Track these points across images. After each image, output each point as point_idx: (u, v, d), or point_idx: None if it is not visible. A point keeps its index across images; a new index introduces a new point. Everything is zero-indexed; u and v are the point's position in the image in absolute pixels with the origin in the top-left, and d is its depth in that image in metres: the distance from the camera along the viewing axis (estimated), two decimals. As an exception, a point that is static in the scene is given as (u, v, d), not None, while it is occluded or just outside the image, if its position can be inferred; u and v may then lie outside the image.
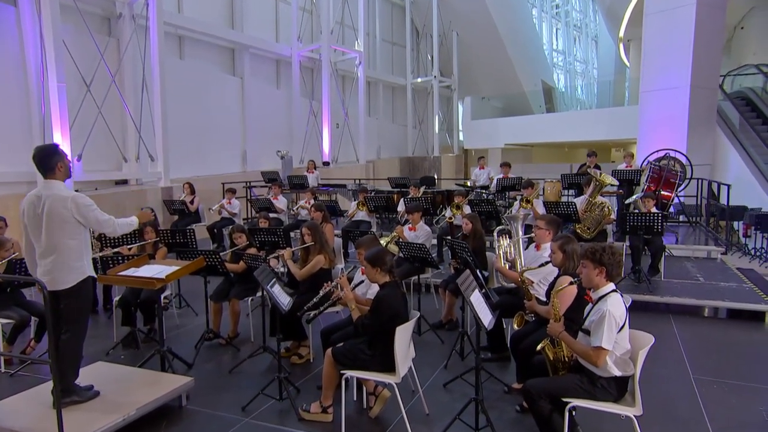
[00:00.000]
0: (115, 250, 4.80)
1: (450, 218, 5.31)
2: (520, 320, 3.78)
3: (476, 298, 3.15)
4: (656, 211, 6.34)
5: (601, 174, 6.41)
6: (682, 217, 10.19)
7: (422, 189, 8.86)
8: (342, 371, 3.25)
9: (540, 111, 23.49)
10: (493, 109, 23.14)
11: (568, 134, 19.22)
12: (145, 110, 10.58)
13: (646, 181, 8.26)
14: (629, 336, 2.97)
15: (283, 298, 3.55)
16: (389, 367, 3.19)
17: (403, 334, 3.19)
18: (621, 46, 25.98)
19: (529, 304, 3.70)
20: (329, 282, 3.85)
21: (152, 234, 5.06)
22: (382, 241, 6.03)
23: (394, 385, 3.19)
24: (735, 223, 12.06)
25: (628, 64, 25.96)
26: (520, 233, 4.44)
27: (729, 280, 6.37)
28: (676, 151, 9.50)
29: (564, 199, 8.47)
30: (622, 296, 2.85)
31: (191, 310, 5.79)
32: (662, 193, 8.16)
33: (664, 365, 4.29)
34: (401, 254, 5.35)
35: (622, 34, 23.81)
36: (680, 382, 3.98)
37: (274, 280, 3.63)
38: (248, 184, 11.96)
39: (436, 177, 20.70)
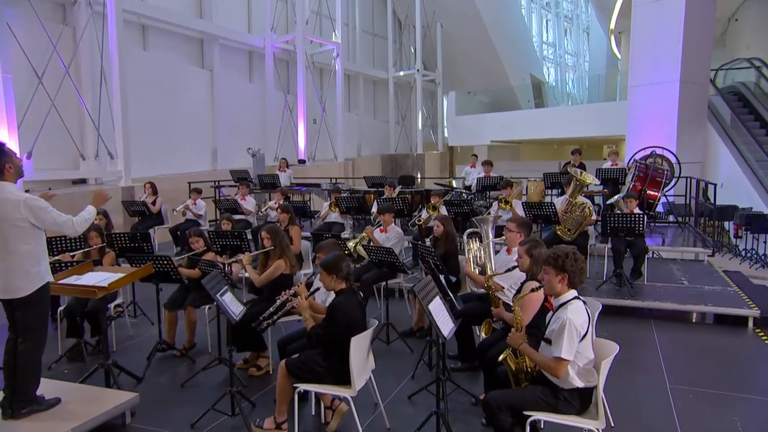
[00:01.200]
0: (56, 257, 4.70)
1: (419, 220, 5.31)
2: (488, 328, 3.78)
3: (436, 307, 3.14)
4: (639, 211, 6.42)
5: (582, 173, 6.46)
6: (671, 218, 10.34)
7: (398, 189, 8.86)
8: (295, 384, 3.22)
9: (529, 106, 23.69)
10: (480, 105, 23.28)
11: (557, 131, 19.43)
12: (105, 104, 10.42)
13: (631, 180, 8.35)
14: (594, 345, 3.00)
15: (235, 307, 3.52)
16: (345, 379, 3.17)
17: (359, 345, 3.18)
18: (612, 38, 26.35)
19: (496, 311, 3.71)
20: (287, 290, 3.81)
21: (97, 239, 4.97)
22: (351, 243, 6.05)
23: (350, 399, 3.18)
24: (726, 224, 12.32)
25: (619, 56, 26.34)
26: (491, 236, 4.45)
27: (714, 283, 6.48)
28: (663, 148, 9.63)
29: (548, 198, 8.53)
30: (584, 303, 2.87)
31: (147, 319, 5.71)
32: (648, 192, 8.26)
33: (639, 374, 4.33)
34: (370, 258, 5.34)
35: (613, 25, 24.15)
36: (655, 391, 4.03)
37: (226, 287, 3.59)
38: (216, 183, 11.85)
39: (419, 176, 20.81)
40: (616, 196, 6.99)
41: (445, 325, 3.15)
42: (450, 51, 23.03)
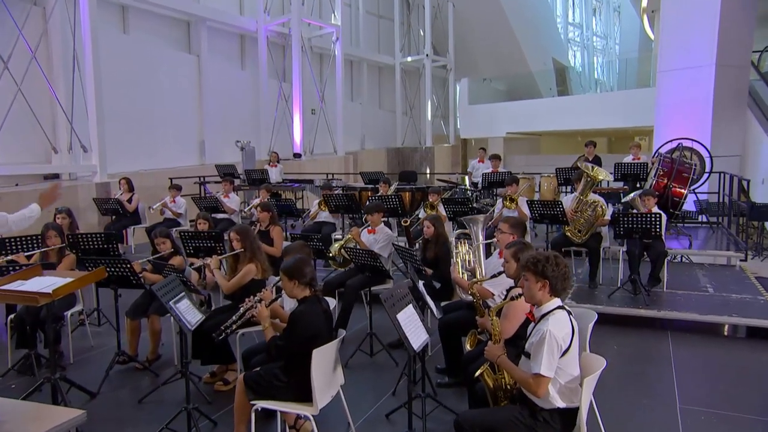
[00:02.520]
0: (10, 257, 4.73)
1: (405, 221, 5.28)
2: (473, 340, 3.74)
3: (407, 316, 3.11)
4: (658, 211, 6.32)
5: (594, 168, 6.38)
6: (702, 218, 10.19)
7: (394, 186, 8.83)
8: (252, 401, 3.20)
9: (550, 94, 23.51)
10: (495, 93, 23.15)
11: (583, 121, 19.23)
12: (79, 92, 10.50)
13: (654, 176, 8.23)
14: (582, 360, 2.94)
15: (191, 316, 3.51)
16: (307, 396, 3.15)
17: (322, 358, 3.15)
18: (645, 17, 26.05)
19: (480, 321, 3.66)
20: (252, 296, 3.79)
21: (56, 239, 5.00)
22: (336, 246, 6.04)
23: (311, 418, 3.15)
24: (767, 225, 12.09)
25: (653, 38, 26.02)
26: (481, 238, 4.41)
27: (743, 291, 6.36)
28: (692, 140, 9.47)
29: (563, 196, 8.45)
30: (570, 314, 2.81)
31: (112, 328, 5.72)
32: (673, 189, 8.13)
33: (647, 392, 4.26)
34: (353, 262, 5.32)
35: (645, 3, 23.87)
36: (662, 411, 3.96)
37: (183, 294, 3.58)
38: (202, 179, 11.91)
39: (427, 171, 20.77)
40: (631, 194, 6.89)
41: (417, 337, 3.11)
42: (463, 34, 22.91)
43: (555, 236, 6.74)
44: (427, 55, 21.83)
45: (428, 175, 19.99)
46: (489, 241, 4.48)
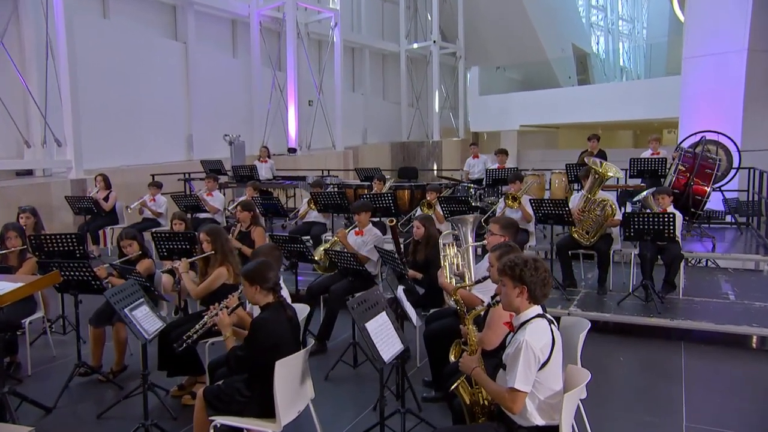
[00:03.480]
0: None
1: (391, 221, 5.27)
2: (458, 351, 3.71)
3: (378, 325, 3.10)
4: (674, 210, 6.26)
5: (602, 164, 6.33)
6: (729, 218, 10.07)
7: (389, 183, 8.82)
8: (211, 417, 3.20)
9: (570, 83, 23.43)
10: (509, 82, 23.09)
11: (606, 112, 19.15)
12: (53, 82, 10.55)
13: (674, 173, 8.15)
14: (567, 374, 2.91)
15: (150, 324, 3.51)
16: (271, 411, 3.14)
17: (286, 370, 3.14)
18: (674, -1, 25.88)
19: (464, 330, 3.62)
20: (218, 303, 3.79)
21: (16, 241, 5.03)
22: (321, 248, 6.03)
23: (275, 436, 3.14)
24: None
25: (683, 20, 25.82)
26: (470, 240, 4.38)
27: (768, 298, 6.30)
28: (718, 133, 9.37)
29: (574, 194, 8.39)
30: (551, 323, 2.78)
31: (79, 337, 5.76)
32: (695, 186, 8.04)
33: (652, 408, 4.22)
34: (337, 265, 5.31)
35: (673, -16, 23.69)
36: (666, 429, 3.91)
37: (141, 300, 3.59)
38: (187, 176, 11.96)
39: (434, 167, 20.73)
40: (644, 192, 6.83)
41: (388, 347, 3.09)
42: (473, 18, 22.85)
43: (561, 238, 6.69)
44: (434, 41, 21.78)
45: (435, 172, 19.94)
46: (478, 243, 4.45)
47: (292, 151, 16.47)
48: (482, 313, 3.60)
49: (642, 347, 5.51)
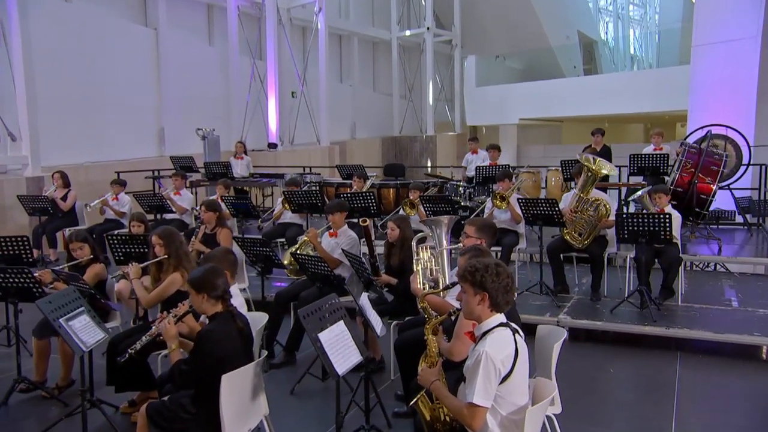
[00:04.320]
0: None
1: (364, 220, 5.27)
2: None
3: (333, 336, 3.09)
4: (673, 211, 6.28)
5: (596, 160, 6.34)
6: (741, 218, 10.09)
7: (370, 181, 8.83)
8: (153, 436, 3.19)
9: (575, 73, 23.44)
10: (510, 72, 23.09)
11: (610, 105, 19.10)
12: (6, 71, 10.48)
13: (678, 170, 8.17)
14: (536, 387, 2.92)
15: (88, 336, 3.50)
16: (218, 430, 3.13)
17: (235, 384, 3.13)
18: (688, -17, 25.94)
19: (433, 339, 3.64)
20: (167, 312, 3.78)
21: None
22: (290, 251, 6.02)
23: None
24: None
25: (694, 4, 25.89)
26: (444, 243, 4.38)
27: (774, 305, 6.33)
28: (726, 126, 9.39)
29: (566, 193, 8.42)
30: (516, 332, 2.78)
31: (26, 350, 5.72)
32: (699, 184, 8.06)
33: (639, 425, 4.24)
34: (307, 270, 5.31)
35: (686, -34, 23.76)
36: (652, 447, 3.93)
37: (81, 309, 3.58)
38: (156, 173, 11.94)
39: (428, 163, 20.73)
40: (640, 191, 6.85)
41: (344, 359, 3.09)
42: (471, 3, 22.85)
43: (552, 240, 6.71)
44: (428, 28, 21.74)
45: (429, 168, 19.93)
46: (453, 246, 4.45)
47: (272, 146, 16.45)
48: (450, 321, 3.62)
49: (636, 358, 5.53)
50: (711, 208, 9.03)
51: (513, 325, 2.84)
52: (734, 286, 7.08)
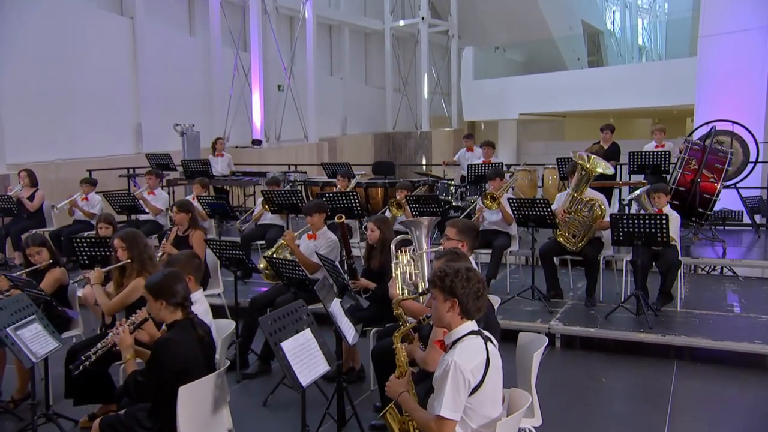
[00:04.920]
0: None
1: (340, 217, 5.27)
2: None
3: (298, 344, 3.09)
4: (672, 211, 6.29)
5: (591, 158, 6.35)
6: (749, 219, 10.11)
7: (355, 180, 8.83)
8: (108, 452, 3.18)
9: (578, 65, 23.47)
10: (510, 65, 23.12)
11: (613, 99, 19.16)
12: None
13: (680, 168, 8.19)
14: (511, 398, 2.92)
15: (39, 346, 3.49)
16: (176, 444, 3.13)
17: (194, 396, 3.13)
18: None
19: (408, 348, 3.63)
20: (126, 319, 3.77)
21: None
22: (267, 253, 6.01)
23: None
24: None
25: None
26: (425, 245, 4.38)
27: (779, 310, 6.34)
28: (732, 122, 9.41)
29: (560, 193, 8.43)
30: (488, 341, 2.78)
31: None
32: (703, 183, 8.07)
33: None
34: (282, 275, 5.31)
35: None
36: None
37: (33, 317, 3.57)
38: (131, 171, 11.90)
39: (423, 161, 20.73)
40: (637, 191, 6.86)
41: (309, 369, 3.09)
42: (468, -8, 22.93)
43: (545, 242, 6.72)
44: (423, 18, 21.79)
45: (424, 167, 19.94)
46: (435, 249, 4.45)
47: (256, 143, 16.44)
48: (428, 328, 3.62)
49: (631, 367, 5.54)
50: (716, 208, 9.09)
51: (485, 333, 2.84)
52: (738, 291, 7.09)
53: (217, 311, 6.48)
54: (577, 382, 5.26)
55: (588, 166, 6.28)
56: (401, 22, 22.51)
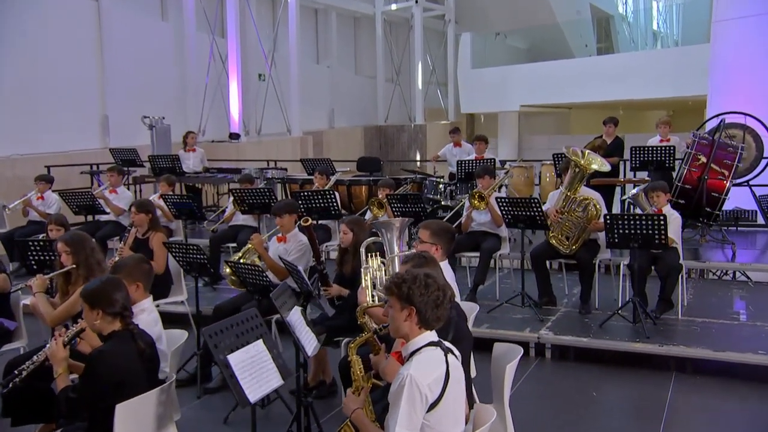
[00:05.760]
0: None
1: (306, 220, 5.27)
2: (368, 386, 3.73)
3: (245, 358, 3.09)
4: (671, 211, 6.31)
5: (585, 154, 6.37)
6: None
7: (335, 177, 8.84)
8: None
9: (586, 53, 23.50)
10: (512, 52, 23.15)
11: (622, 89, 19.19)
12: None
13: (686, 164, 8.21)
14: (471, 413, 2.93)
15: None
16: (114, 466, 3.12)
17: (133, 414, 3.13)
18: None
19: (374, 359, 3.64)
20: (65, 329, 3.77)
21: None
22: (234, 258, 6.01)
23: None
24: None
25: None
26: (396, 248, 4.38)
27: (788, 318, 6.36)
28: (744, 114, 9.43)
29: (553, 192, 8.45)
30: (448, 352, 2.79)
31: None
32: (710, 179, 8.09)
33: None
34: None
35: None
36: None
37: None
38: (95, 167, 11.88)
39: (417, 157, 20.74)
40: (635, 189, 6.89)
41: (260, 384, 3.09)
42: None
43: (536, 245, 6.74)
44: (417, 1, 21.79)
45: (418, 162, 19.96)
46: (407, 252, 4.45)
47: (234, 137, 16.42)
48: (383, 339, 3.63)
49: (625, 379, 5.56)
50: (728, 208, 9.13)
51: (446, 344, 2.84)
52: (746, 297, 7.11)
53: (181, 320, 6.53)
54: (566, 395, 5.27)
55: (582, 162, 6.29)
56: (393, 6, 22.48)
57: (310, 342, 3.83)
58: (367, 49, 22.95)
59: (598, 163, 6.37)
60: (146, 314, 3.73)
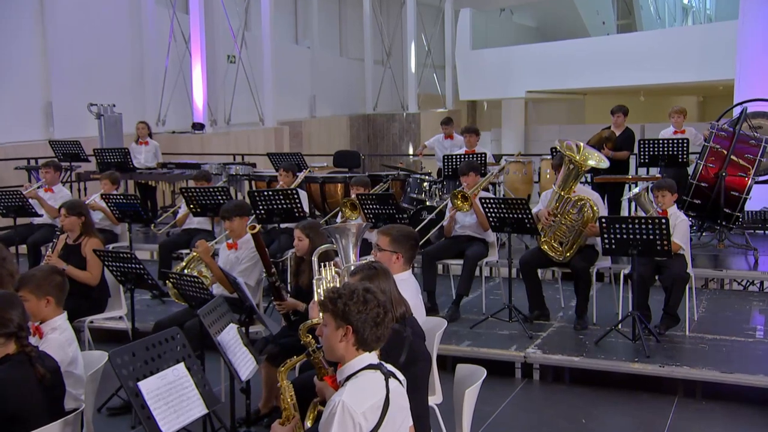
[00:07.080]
0: None
1: (252, 227, 5.25)
2: (314, 415, 3.74)
3: (161, 384, 3.10)
4: (678, 213, 6.34)
5: (581, 149, 6.38)
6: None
7: (302, 175, 8.83)
8: None
9: (603, 31, 23.58)
10: (519, 31, 23.25)
11: (643, 72, 19.23)
12: None
13: (702, 160, 8.24)
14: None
15: None
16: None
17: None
18: None
19: (319, 385, 3.65)
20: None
21: None
22: (177, 268, 6.02)
23: None
24: None
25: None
26: (352, 257, 4.39)
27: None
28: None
29: (545, 192, 8.49)
30: (389, 378, 2.79)
31: None
32: (729, 176, 8.12)
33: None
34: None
35: None
36: None
37: None
38: (32, 162, 11.86)
39: (410, 149, 20.75)
40: (637, 188, 6.90)
41: (176, 414, 3.09)
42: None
43: (526, 252, 6.75)
44: (409, -28, 21.88)
45: (411, 158, 19.99)
46: (364, 261, 4.46)
47: (198, 127, 16.43)
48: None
49: (621, 404, 5.58)
50: (750, 208, 9.15)
51: (387, 366, 2.85)
52: (766, 311, 7.12)
53: (119, 337, 6.55)
54: (553, 423, 5.28)
55: (577, 158, 6.29)
56: (383, -22, 22.59)
57: (246, 364, 3.83)
58: (354, 27, 23.02)
59: (596, 159, 6.38)
60: (58, 333, 3.73)
